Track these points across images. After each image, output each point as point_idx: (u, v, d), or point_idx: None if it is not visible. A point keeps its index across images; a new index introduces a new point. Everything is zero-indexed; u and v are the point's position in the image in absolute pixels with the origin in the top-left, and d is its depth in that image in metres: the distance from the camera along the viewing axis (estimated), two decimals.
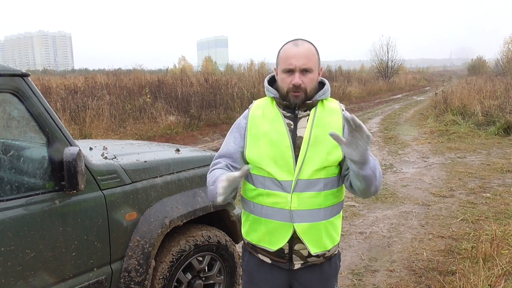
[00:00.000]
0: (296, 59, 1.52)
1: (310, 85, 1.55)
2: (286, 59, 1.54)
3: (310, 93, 1.56)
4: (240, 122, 1.69)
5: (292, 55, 1.53)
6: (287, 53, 1.55)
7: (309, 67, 1.53)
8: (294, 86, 1.52)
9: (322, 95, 1.61)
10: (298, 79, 1.52)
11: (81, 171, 1.79)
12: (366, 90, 24.72)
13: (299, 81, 1.52)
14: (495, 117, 10.54)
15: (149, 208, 2.25)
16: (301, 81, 1.52)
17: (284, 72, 1.55)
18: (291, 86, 1.53)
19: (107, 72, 22.42)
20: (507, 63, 33.40)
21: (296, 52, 1.53)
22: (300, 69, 1.52)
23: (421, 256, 3.67)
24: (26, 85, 1.78)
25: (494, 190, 5.59)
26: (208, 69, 35.74)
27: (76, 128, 8.82)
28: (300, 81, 1.52)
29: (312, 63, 1.54)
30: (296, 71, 1.52)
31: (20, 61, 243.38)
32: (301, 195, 1.54)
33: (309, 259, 1.62)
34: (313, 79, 1.56)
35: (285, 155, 1.54)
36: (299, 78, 1.52)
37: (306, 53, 1.53)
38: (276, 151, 1.55)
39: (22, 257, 1.74)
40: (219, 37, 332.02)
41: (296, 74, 1.52)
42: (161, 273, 2.33)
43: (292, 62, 1.52)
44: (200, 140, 9.88)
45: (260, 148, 1.58)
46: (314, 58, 1.55)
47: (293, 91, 1.54)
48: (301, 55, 1.52)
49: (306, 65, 1.52)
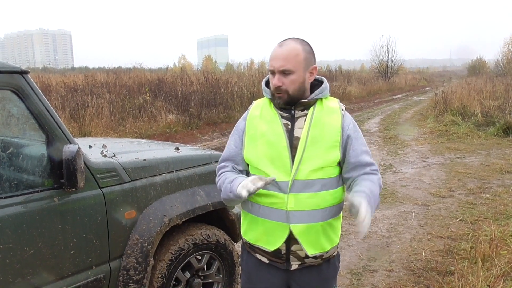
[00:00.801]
0: (276, 60, 1.52)
1: (291, 86, 1.53)
2: (270, 60, 1.55)
3: (294, 94, 1.54)
4: (239, 124, 1.70)
5: (273, 56, 1.53)
6: (272, 53, 1.55)
7: (287, 69, 1.50)
8: (274, 87, 1.53)
9: (319, 94, 1.59)
10: (276, 81, 1.52)
11: (80, 169, 1.79)
12: (366, 90, 24.72)
13: (277, 82, 1.52)
14: (495, 118, 10.55)
15: (148, 206, 2.25)
16: (280, 82, 1.52)
17: (270, 72, 1.57)
18: (273, 86, 1.54)
19: (107, 70, 22.42)
20: (507, 64, 33.41)
21: (277, 53, 1.53)
22: (278, 70, 1.52)
23: (420, 256, 3.67)
24: (25, 82, 1.78)
25: (493, 190, 5.59)
26: (208, 68, 35.73)
27: (75, 126, 8.82)
28: (280, 82, 1.52)
29: (291, 64, 1.50)
30: (276, 73, 1.52)
31: (20, 59, 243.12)
32: (298, 195, 1.53)
33: (306, 260, 1.61)
34: (295, 80, 1.53)
35: (281, 156, 1.54)
36: (279, 80, 1.52)
37: (286, 55, 1.51)
38: (273, 151, 1.55)
39: (21, 254, 1.74)
40: (219, 36, 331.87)
41: (276, 76, 1.52)
42: (159, 271, 2.33)
43: (272, 63, 1.53)
44: (199, 139, 9.88)
45: (257, 149, 1.58)
46: (296, 58, 1.51)
47: (275, 92, 1.55)
48: (280, 56, 1.51)
49: (284, 66, 1.50)
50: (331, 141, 1.55)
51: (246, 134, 1.63)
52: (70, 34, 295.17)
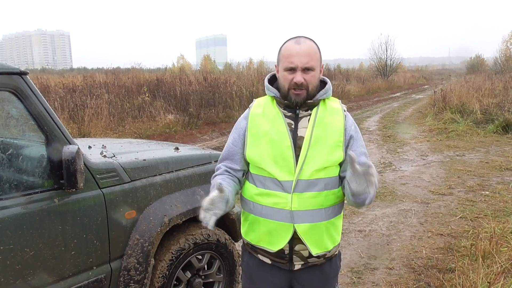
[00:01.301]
0: (298, 57, 1.50)
1: (312, 83, 1.53)
2: (288, 57, 1.52)
3: (312, 92, 1.55)
4: (240, 123, 1.68)
5: (294, 53, 1.51)
6: (289, 51, 1.53)
7: (311, 66, 1.51)
8: (296, 84, 1.51)
9: (323, 95, 1.59)
10: (300, 77, 1.50)
11: (80, 170, 1.79)
12: (365, 88, 24.72)
13: (300, 79, 1.50)
14: (494, 115, 10.56)
15: (148, 206, 2.24)
16: (303, 79, 1.51)
17: (285, 70, 1.53)
18: (293, 83, 1.52)
19: (105, 71, 22.38)
20: (506, 61, 33.43)
21: (298, 51, 1.51)
22: (302, 68, 1.50)
23: (420, 254, 3.68)
24: (24, 83, 1.77)
25: (493, 188, 5.59)
26: (207, 67, 35.68)
27: (74, 127, 8.81)
28: (302, 79, 1.51)
29: (314, 62, 1.52)
30: (297, 70, 1.51)
31: (18, 60, 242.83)
32: (301, 195, 1.53)
33: (310, 259, 1.61)
34: (315, 76, 1.54)
35: (285, 155, 1.53)
36: (301, 76, 1.50)
37: (308, 51, 1.51)
38: (276, 151, 1.54)
39: (21, 255, 1.74)
40: (218, 36, 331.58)
41: (298, 73, 1.51)
42: (160, 271, 2.33)
43: (293, 60, 1.50)
44: (199, 139, 9.87)
45: (260, 148, 1.57)
46: (316, 56, 1.53)
47: (293, 88, 1.52)
48: (303, 53, 1.50)
49: (308, 63, 1.50)
50: (334, 141, 1.55)
51: (248, 132, 1.61)
52: (69, 35, 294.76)
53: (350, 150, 1.58)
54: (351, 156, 1.36)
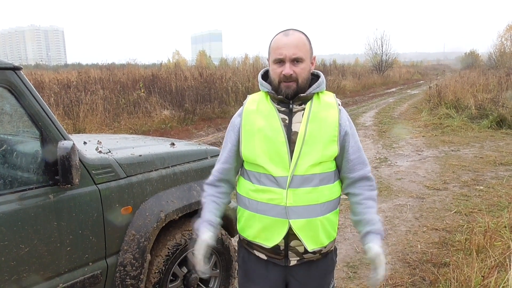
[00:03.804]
0: (286, 48, 1.50)
1: (301, 74, 1.53)
2: (276, 49, 1.52)
3: (302, 84, 1.54)
4: (234, 120, 1.67)
5: (282, 45, 1.51)
6: (277, 43, 1.53)
7: (300, 57, 1.51)
8: (285, 76, 1.51)
9: (316, 88, 1.58)
10: (288, 69, 1.50)
11: (75, 165, 1.78)
12: (361, 84, 24.75)
13: (289, 71, 1.50)
14: (488, 111, 10.62)
15: (144, 202, 2.24)
16: (292, 71, 1.50)
17: (275, 62, 1.53)
18: (282, 76, 1.51)
19: (100, 66, 22.26)
20: (500, 56, 33.58)
21: (286, 42, 1.51)
22: (290, 59, 1.50)
23: (416, 248, 3.70)
24: (18, 78, 1.76)
25: (487, 182, 5.64)
26: (202, 63, 35.56)
27: (69, 123, 8.76)
28: (291, 71, 1.50)
29: (302, 53, 1.51)
30: (286, 61, 1.51)
31: (12, 56, 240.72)
32: (296, 191, 1.52)
33: (305, 255, 1.61)
34: (305, 68, 1.54)
35: (280, 151, 1.52)
36: (290, 68, 1.50)
37: (296, 43, 1.51)
38: (270, 147, 1.53)
39: (16, 252, 1.73)
40: (213, 31, 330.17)
41: (287, 64, 1.50)
42: (156, 267, 2.33)
43: (282, 52, 1.50)
44: (194, 135, 9.85)
45: (255, 144, 1.56)
46: (305, 47, 1.53)
47: (284, 81, 1.52)
48: (291, 44, 1.50)
49: (297, 54, 1.50)
50: (329, 135, 1.54)
51: (243, 129, 1.60)
52: (63, 31, 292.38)
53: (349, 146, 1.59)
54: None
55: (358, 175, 1.63)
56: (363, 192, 1.66)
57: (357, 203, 1.67)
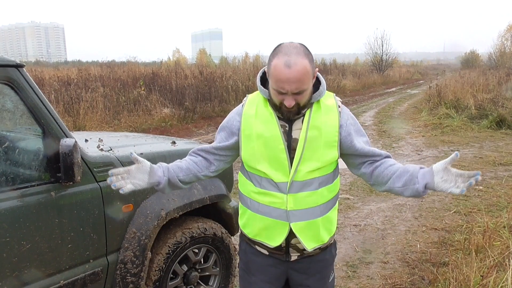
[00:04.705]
0: (289, 84, 1.39)
1: (303, 100, 1.47)
2: (278, 81, 1.40)
3: (305, 104, 1.49)
4: (233, 119, 1.63)
5: (284, 79, 1.39)
6: (278, 75, 1.39)
7: (302, 89, 1.42)
8: (286, 106, 1.45)
9: (317, 97, 1.53)
10: (290, 101, 1.43)
11: (77, 163, 1.79)
12: (361, 83, 24.75)
13: (291, 103, 1.43)
14: (488, 111, 10.63)
15: (145, 200, 2.25)
16: (293, 101, 1.44)
17: (275, 90, 1.44)
18: (283, 105, 1.46)
19: (100, 64, 22.25)
20: (500, 56, 33.59)
21: (289, 77, 1.38)
22: (292, 93, 1.42)
23: (415, 248, 3.71)
24: (21, 75, 1.76)
25: (487, 182, 5.64)
26: (203, 61, 35.54)
27: (70, 120, 8.75)
28: (293, 102, 1.44)
29: (305, 85, 1.42)
30: (288, 95, 1.42)
31: (12, 52, 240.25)
32: (296, 195, 1.53)
33: (305, 251, 1.63)
34: (307, 93, 1.46)
35: (279, 158, 1.52)
36: (292, 99, 1.43)
37: (299, 77, 1.38)
38: (270, 153, 1.53)
39: (18, 248, 1.74)
40: (213, 30, 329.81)
41: (289, 97, 1.43)
42: (157, 264, 2.33)
43: (284, 86, 1.40)
44: (194, 133, 9.85)
45: (254, 150, 1.55)
46: (307, 76, 1.41)
47: (285, 108, 1.47)
48: (293, 79, 1.38)
49: (299, 88, 1.41)
50: (329, 141, 1.53)
51: (242, 133, 1.58)
52: (63, 27, 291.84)
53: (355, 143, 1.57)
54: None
55: (384, 154, 1.63)
56: (392, 161, 1.63)
57: (388, 166, 1.60)
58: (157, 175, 1.61)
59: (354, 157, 1.62)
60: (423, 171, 1.51)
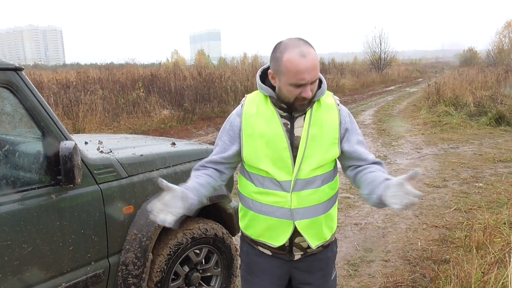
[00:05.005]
0: (308, 73, 1.41)
1: (314, 90, 1.50)
2: (297, 73, 1.41)
3: (313, 96, 1.52)
4: (233, 120, 1.62)
5: (304, 69, 1.40)
6: (297, 66, 1.40)
7: (317, 77, 1.47)
8: (304, 98, 1.46)
9: (320, 95, 1.56)
10: (309, 92, 1.45)
11: (77, 165, 1.79)
12: (360, 82, 24.76)
13: (310, 94, 1.46)
14: (487, 108, 10.63)
15: (146, 201, 2.25)
16: (310, 92, 1.46)
17: (292, 85, 1.44)
18: (301, 97, 1.46)
19: (99, 66, 22.26)
20: (499, 54, 33.61)
21: (307, 66, 1.41)
22: (311, 82, 1.45)
23: (416, 246, 3.72)
24: (20, 79, 1.76)
25: (486, 179, 5.65)
26: (201, 62, 35.53)
27: (69, 123, 8.75)
28: (311, 93, 1.47)
29: (318, 72, 1.47)
30: (307, 85, 1.44)
31: (10, 56, 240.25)
32: (300, 193, 1.54)
33: (309, 250, 1.64)
34: (317, 83, 1.51)
35: (282, 156, 1.52)
36: (309, 89, 1.45)
37: (315, 65, 1.43)
38: (273, 152, 1.53)
39: (19, 251, 1.74)
40: (211, 31, 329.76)
41: (308, 87, 1.44)
42: (158, 266, 2.34)
43: (304, 77, 1.41)
44: (194, 134, 9.85)
45: (257, 149, 1.55)
46: (318, 64, 1.47)
47: (301, 101, 1.48)
48: (311, 68, 1.42)
49: (316, 76, 1.45)
50: (330, 138, 1.55)
51: (243, 133, 1.58)
52: (61, 30, 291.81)
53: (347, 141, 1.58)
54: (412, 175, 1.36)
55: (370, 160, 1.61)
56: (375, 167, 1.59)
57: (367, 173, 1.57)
58: (190, 198, 1.53)
59: (343, 158, 1.63)
60: (385, 183, 1.45)
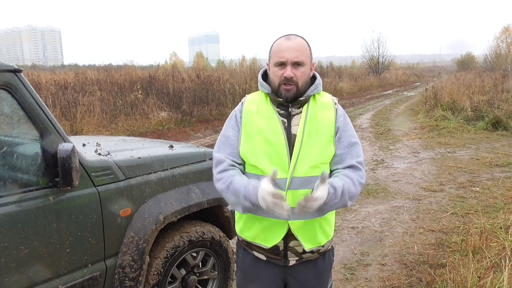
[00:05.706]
0: (288, 52, 1.53)
1: (301, 78, 1.55)
2: (278, 52, 1.55)
3: (302, 87, 1.56)
4: (235, 115, 1.66)
5: (284, 48, 1.54)
6: (279, 46, 1.56)
7: (301, 60, 1.54)
8: (286, 78, 1.53)
9: (314, 90, 1.60)
10: (289, 72, 1.53)
11: (75, 168, 1.79)
12: (357, 86, 24.82)
13: (290, 73, 1.53)
14: (484, 112, 10.68)
15: (143, 204, 2.25)
16: (292, 73, 1.53)
17: (276, 65, 1.56)
18: (283, 78, 1.54)
19: (97, 67, 22.23)
20: (496, 58, 33.80)
21: (288, 46, 1.54)
22: (291, 62, 1.53)
23: (412, 250, 3.73)
24: (18, 80, 1.77)
25: (483, 184, 5.67)
26: (200, 65, 35.57)
27: (67, 124, 8.73)
28: (292, 73, 1.53)
29: (303, 57, 1.55)
30: (288, 64, 1.53)
31: (8, 56, 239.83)
32: (296, 192, 1.54)
33: (304, 255, 1.63)
34: (305, 72, 1.56)
35: (280, 153, 1.54)
36: (291, 70, 1.53)
37: (298, 47, 1.55)
38: (271, 148, 1.55)
39: (16, 253, 1.74)
40: (210, 33, 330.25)
41: (288, 67, 1.53)
42: (155, 269, 2.33)
43: (284, 55, 1.53)
44: (192, 136, 9.85)
45: (254, 146, 1.57)
46: (306, 52, 1.57)
47: (284, 83, 1.54)
48: (292, 48, 1.54)
49: (298, 58, 1.53)
50: (326, 136, 1.57)
51: (243, 129, 1.61)
52: (59, 31, 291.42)
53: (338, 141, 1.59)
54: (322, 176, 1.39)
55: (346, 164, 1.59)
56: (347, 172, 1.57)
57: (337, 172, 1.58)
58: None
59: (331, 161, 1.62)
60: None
